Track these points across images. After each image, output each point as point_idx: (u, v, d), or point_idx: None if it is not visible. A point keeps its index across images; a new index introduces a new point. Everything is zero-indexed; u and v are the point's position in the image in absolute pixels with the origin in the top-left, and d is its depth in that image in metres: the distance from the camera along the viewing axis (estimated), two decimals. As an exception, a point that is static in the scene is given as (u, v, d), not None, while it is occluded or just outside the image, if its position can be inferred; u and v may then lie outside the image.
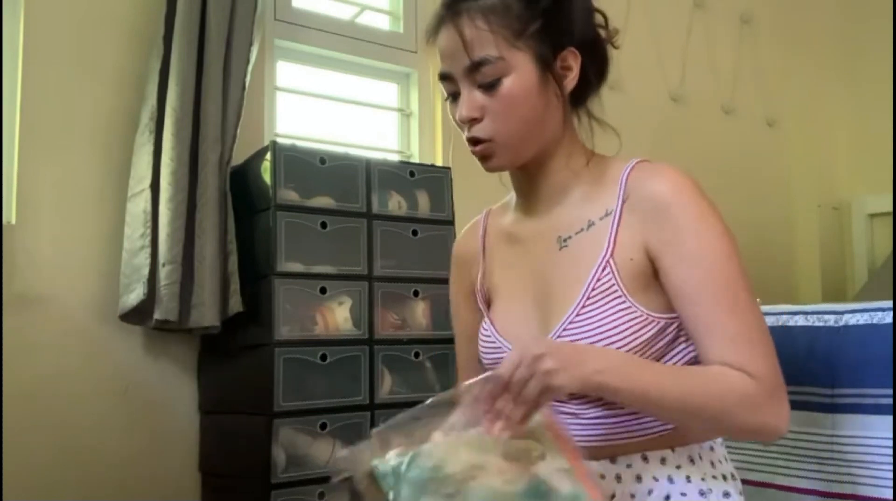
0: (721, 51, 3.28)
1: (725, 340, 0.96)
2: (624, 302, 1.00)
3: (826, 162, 3.63)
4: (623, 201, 1.04)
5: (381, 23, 2.55)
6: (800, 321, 1.33)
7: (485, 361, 1.15)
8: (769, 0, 3.46)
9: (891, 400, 1.18)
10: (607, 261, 1.02)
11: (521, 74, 1.02)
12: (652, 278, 1.01)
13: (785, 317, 1.35)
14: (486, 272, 1.20)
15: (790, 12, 3.52)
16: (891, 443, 1.18)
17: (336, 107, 2.48)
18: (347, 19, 2.48)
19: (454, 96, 1.07)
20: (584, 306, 1.02)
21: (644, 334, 0.99)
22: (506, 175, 1.14)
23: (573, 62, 1.05)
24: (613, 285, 1.01)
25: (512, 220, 1.18)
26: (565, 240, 1.08)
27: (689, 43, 3.16)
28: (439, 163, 2.46)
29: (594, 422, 1.04)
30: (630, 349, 0.99)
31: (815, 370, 1.27)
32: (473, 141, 1.05)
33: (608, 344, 0.99)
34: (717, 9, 3.28)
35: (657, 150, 2.81)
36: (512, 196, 1.19)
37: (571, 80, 1.05)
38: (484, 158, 1.06)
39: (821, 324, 1.30)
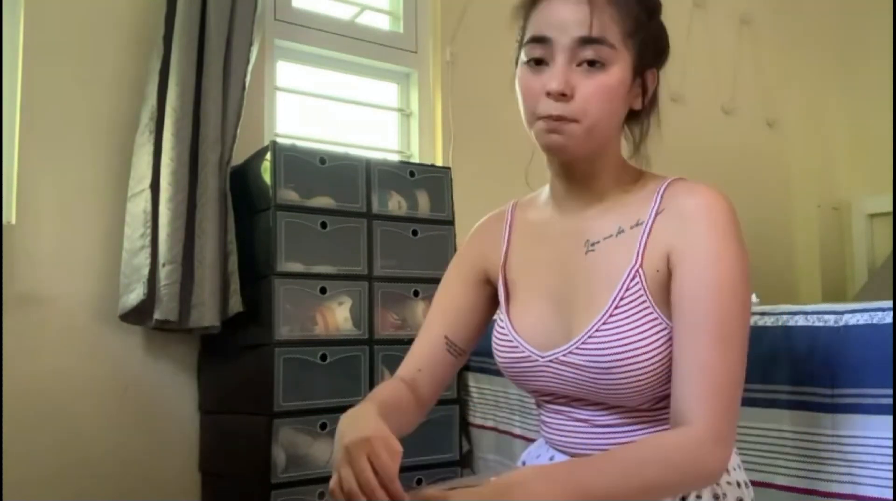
0: (721, 51, 3.28)
1: (691, 373, 0.95)
2: (651, 313, 1.00)
3: (826, 162, 3.63)
4: (656, 214, 1.03)
5: (381, 23, 2.55)
6: (800, 321, 1.32)
7: (499, 358, 1.13)
8: (769, 0, 3.46)
9: (891, 400, 1.18)
10: (636, 271, 1.01)
11: (622, 69, 1.00)
12: None
13: (785, 317, 1.34)
14: (506, 265, 1.17)
15: (790, 13, 3.52)
16: (891, 443, 1.18)
17: (336, 107, 2.48)
18: (347, 19, 2.48)
19: (538, 62, 1.01)
20: (610, 316, 1.01)
21: (668, 346, 0.99)
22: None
23: (650, 84, 1.05)
24: (642, 295, 1.00)
25: (540, 216, 1.15)
26: (593, 245, 1.07)
27: (689, 43, 3.16)
28: (439, 163, 2.45)
29: (607, 430, 1.04)
30: (652, 361, 0.98)
31: (815, 370, 1.27)
32: (555, 116, 0.99)
33: (632, 355, 0.98)
34: (717, 9, 3.28)
35: (656, 150, 2.81)
36: (541, 191, 1.17)
37: (645, 99, 1.06)
38: (555, 133, 1.00)
39: (821, 324, 1.29)
